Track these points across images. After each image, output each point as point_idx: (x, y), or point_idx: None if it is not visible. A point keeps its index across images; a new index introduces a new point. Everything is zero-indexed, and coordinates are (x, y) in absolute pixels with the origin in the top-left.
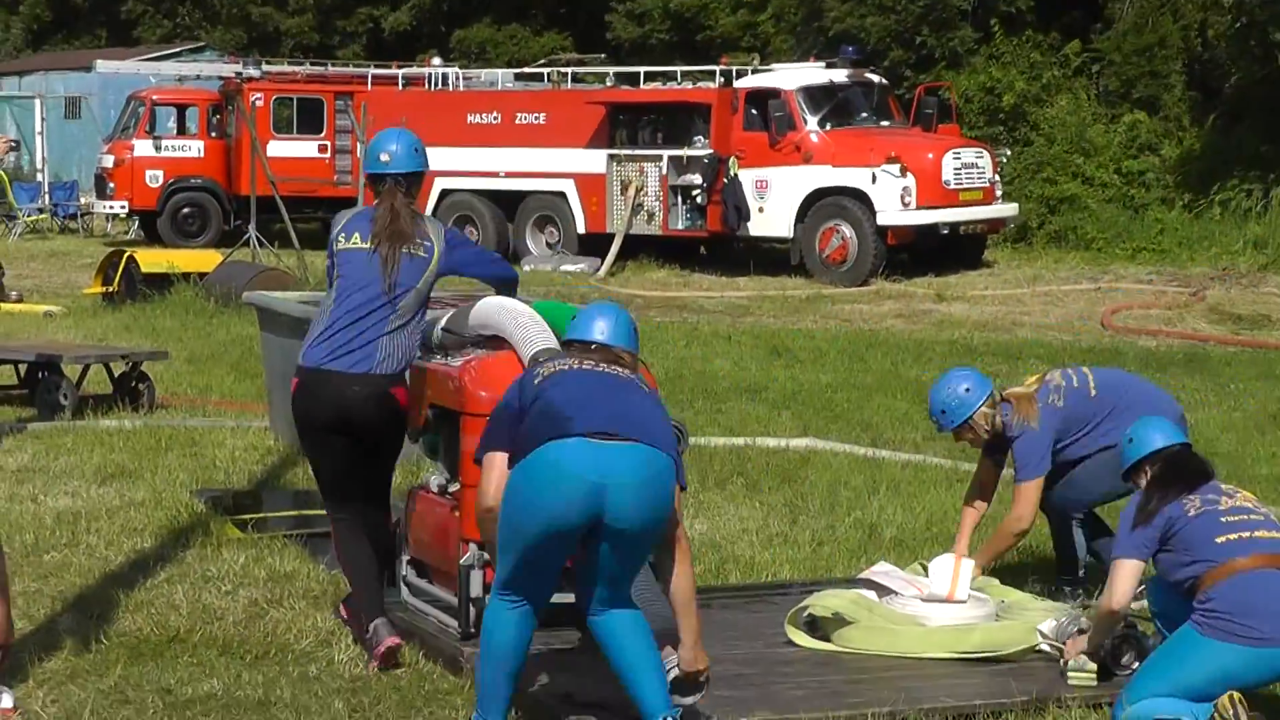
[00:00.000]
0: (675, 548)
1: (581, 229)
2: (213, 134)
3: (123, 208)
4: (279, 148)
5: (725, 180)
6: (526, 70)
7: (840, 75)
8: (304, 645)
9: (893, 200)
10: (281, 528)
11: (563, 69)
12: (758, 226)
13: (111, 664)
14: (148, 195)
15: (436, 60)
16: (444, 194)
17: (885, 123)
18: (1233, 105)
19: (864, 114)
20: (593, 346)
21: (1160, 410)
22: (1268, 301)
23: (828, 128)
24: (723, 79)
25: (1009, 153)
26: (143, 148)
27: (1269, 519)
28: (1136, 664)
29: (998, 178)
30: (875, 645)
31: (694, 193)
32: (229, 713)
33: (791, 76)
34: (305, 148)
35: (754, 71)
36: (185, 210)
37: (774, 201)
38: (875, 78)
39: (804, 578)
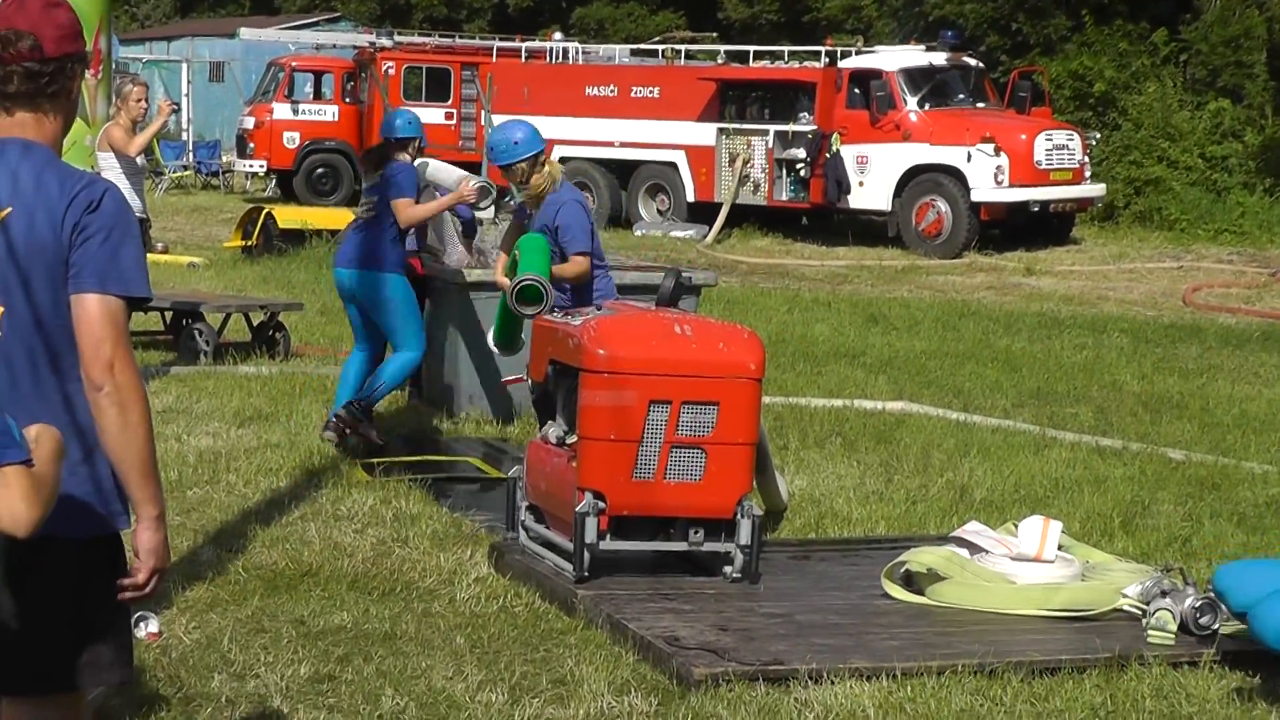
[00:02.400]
0: None
1: (691, 198)
2: (346, 99)
3: (261, 167)
4: None
5: (828, 155)
6: (642, 46)
7: (939, 58)
8: (428, 583)
9: (987, 178)
10: (407, 472)
11: (676, 46)
12: (857, 200)
13: (249, 595)
14: (285, 155)
15: (558, 35)
16: (562, 161)
17: (981, 104)
18: None
19: (961, 96)
20: None
21: None
22: None
23: (926, 108)
24: (827, 59)
25: (1098, 136)
26: (281, 111)
27: None
28: (1215, 626)
29: (1087, 159)
30: (966, 600)
31: (798, 166)
32: (357, 644)
33: (893, 58)
34: (433, 114)
35: (857, 53)
36: (319, 170)
37: (873, 176)
38: (972, 61)
39: (898, 533)
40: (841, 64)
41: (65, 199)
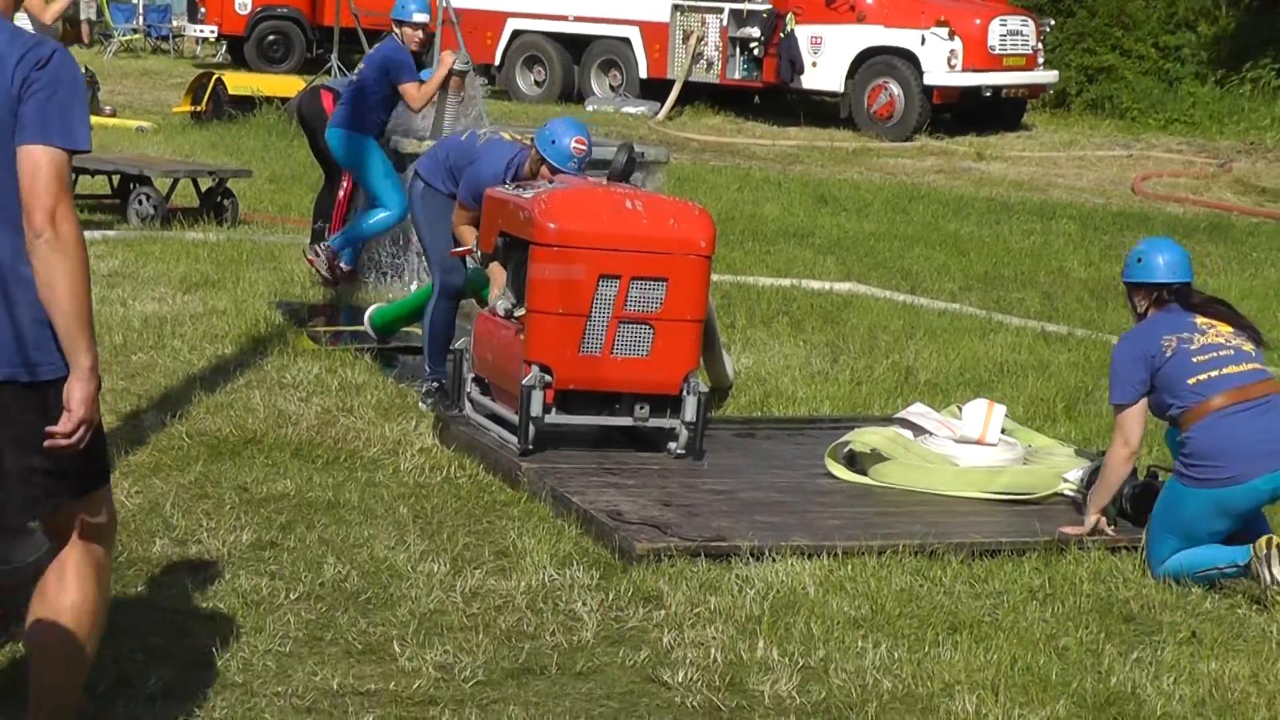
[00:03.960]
0: None
1: (644, 74)
2: None
3: (212, 32)
4: None
5: (782, 35)
6: None
7: None
8: (371, 453)
9: (940, 62)
10: (353, 342)
11: None
12: (810, 80)
13: (192, 461)
14: (236, 21)
15: None
16: (515, 34)
17: None
18: None
19: None
20: None
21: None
22: None
23: None
24: None
25: (1052, 22)
26: None
27: (1240, 351)
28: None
29: (1040, 46)
30: (909, 481)
31: (751, 45)
32: (300, 511)
33: None
34: None
35: None
36: (271, 37)
37: (827, 57)
38: None
39: (842, 414)
40: None
41: (14, 56)
